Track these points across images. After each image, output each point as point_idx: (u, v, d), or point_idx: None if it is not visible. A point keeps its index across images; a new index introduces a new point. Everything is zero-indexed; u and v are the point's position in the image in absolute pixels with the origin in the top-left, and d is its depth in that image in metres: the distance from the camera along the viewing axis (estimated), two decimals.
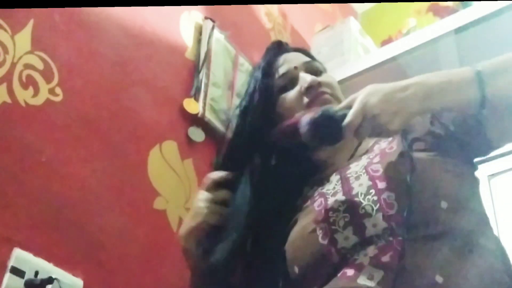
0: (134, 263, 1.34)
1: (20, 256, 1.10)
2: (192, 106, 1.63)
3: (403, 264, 0.77)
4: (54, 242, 1.18)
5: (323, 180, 0.99)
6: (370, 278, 0.78)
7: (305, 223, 0.92)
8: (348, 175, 0.92)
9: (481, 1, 1.89)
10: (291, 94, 1.06)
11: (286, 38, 2.25)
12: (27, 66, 1.24)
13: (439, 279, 0.76)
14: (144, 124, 1.50)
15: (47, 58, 1.29)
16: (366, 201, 0.85)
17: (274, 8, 2.24)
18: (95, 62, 1.41)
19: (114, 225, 1.33)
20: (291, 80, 1.07)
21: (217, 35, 1.80)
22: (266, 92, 1.08)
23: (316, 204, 0.92)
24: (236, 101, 1.80)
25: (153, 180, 1.47)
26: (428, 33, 1.95)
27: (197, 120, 1.64)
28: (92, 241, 1.26)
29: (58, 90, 1.29)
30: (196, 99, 1.65)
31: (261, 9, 2.16)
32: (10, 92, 1.19)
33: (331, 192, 0.92)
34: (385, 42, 2.39)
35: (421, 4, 2.48)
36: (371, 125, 0.82)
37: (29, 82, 1.24)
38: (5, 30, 1.21)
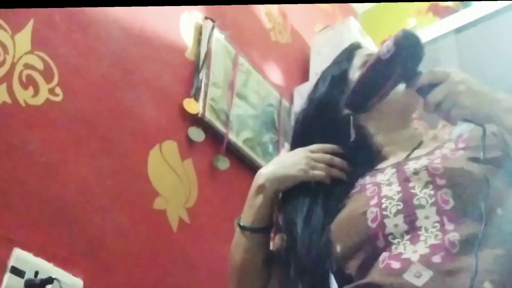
0: (134, 263, 1.34)
1: (20, 256, 1.10)
2: (192, 106, 1.63)
3: (455, 267, 0.77)
4: (54, 242, 1.18)
5: (377, 172, 0.99)
6: (418, 276, 0.77)
7: (355, 206, 0.92)
8: (406, 170, 0.93)
9: (481, 1, 1.89)
10: None
11: (286, 38, 2.25)
12: (27, 66, 1.24)
13: None
14: (144, 124, 1.50)
15: (47, 58, 1.29)
16: (422, 194, 0.86)
17: (274, 8, 2.24)
18: (95, 62, 1.41)
19: (114, 225, 1.33)
20: None
21: (217, 35, 1.80)
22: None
23: (368, 192, 0.92)
24: (236, 101, 1.80)
25: (153, 180, 1.47)
26: (428, 33, 1.95)
27: (197, 120, 1.64)
28: (92, 241, 1.26)
29: (58, 90, 1.29)
30: (196, 99, 1.66)
31: (261, 9, 2.16)
32: (10, 92, 1.19)
33: (386, 182, 0.93)
34: (385, 42, 2.38)
35: (421, 4, 2.48)
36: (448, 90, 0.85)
37: (29, 82, 1.24)
38: (5, 30, 1.21)
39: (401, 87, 0.96)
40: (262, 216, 1.00)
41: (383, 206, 0.87)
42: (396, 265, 0.80)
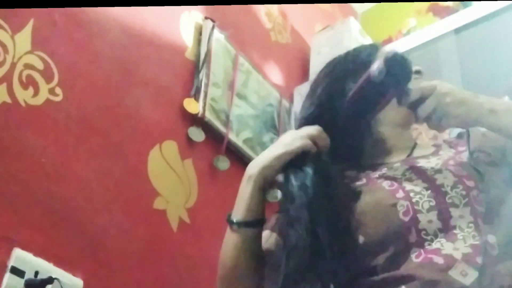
0: (134, 263, 1.34)
1: (20, 256, 1.10)
2: (192, 106, 1.63)
3: (497, 270, 0.78)
4: (54, 242, 1.18)
5: (381, 166, 0.98)
6: (464, 274, 0.78)
7: (377, 198, 0.90)
8: (422, 168, 0.93)
9: (481, 1, 1.89)
10: None
11: (286, 38, 2.25)
12: (27, 66, 1.24)
13: None
14: (144, 124, 1.50)
15: (47, 58, 1.29)
16: (454, 193, 0.86)
17: (274, 8, 2.24)
18: (95, 62, 1.41)
19: (114, 225, 1.33)
20: None
21: (217, 35, 1.80)
22: None
23: (386, 185, 0.91)
24: (236, 101, 1.80)
25: (153, 180, 1.47)
26: (428, 33, 1.95)
27: (197, 120, 1.64)
28: (92, 241, 1.26)
29: (58, 90, 1.29)
30: (196, 99, 1.66)
31: (261, 9, 2.16)
32: (10, 92, 1.19)
33: (403, 177, 0.92)
34: (385, 42, 2.39)
35: (421, 4, 2.48)
36: (436, 101, 0.88)
37: (29, 82, 1.24)
38: (5, 30, 1.21)
39: None
40: (252, 208, 0.95)
41: (414, 200, 0.86)
42: (439, 260, 0.80)
